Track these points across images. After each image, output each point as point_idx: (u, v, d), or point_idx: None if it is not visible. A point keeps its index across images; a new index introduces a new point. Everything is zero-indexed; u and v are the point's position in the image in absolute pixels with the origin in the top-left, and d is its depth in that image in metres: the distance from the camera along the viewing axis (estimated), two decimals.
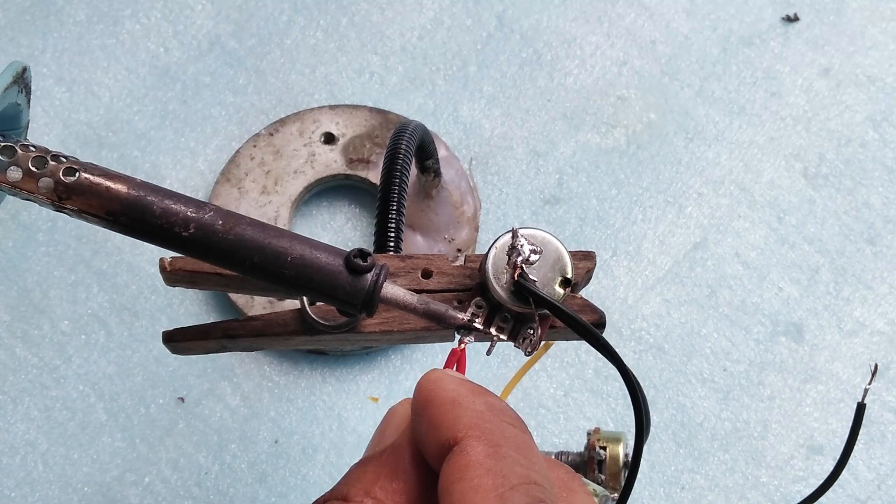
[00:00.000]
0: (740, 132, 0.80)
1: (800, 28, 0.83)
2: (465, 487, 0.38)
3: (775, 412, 0.73)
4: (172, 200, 0.45)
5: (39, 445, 0.71)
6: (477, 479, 0.38)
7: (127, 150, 0.79)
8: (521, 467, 0.38)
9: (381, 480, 0.40)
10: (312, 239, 0.45)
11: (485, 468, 0.38)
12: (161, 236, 0.45)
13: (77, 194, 0.44)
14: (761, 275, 0.76)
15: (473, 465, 0.38)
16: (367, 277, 0.44)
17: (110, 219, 0.45)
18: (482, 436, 0.39)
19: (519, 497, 0.37)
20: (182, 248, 0.45)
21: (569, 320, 0.44)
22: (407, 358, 0.74)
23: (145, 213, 0.45)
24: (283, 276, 0.44)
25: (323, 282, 0.44)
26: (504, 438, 0.39)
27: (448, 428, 0.40)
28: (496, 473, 0.38)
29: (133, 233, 0.45)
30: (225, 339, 0.47)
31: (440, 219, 0.75)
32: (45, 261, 0.75)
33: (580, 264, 0.48)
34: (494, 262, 0.46)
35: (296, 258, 0.44)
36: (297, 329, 0.47)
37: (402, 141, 0.62)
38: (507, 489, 0.37)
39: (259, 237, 0.44)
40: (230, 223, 0.44)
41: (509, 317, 0.46)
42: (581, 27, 0.83)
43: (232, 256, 0.44)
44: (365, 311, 0.45)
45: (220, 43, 0.82)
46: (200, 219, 0.44)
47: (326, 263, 0.44)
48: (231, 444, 0.71)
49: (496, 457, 0.38)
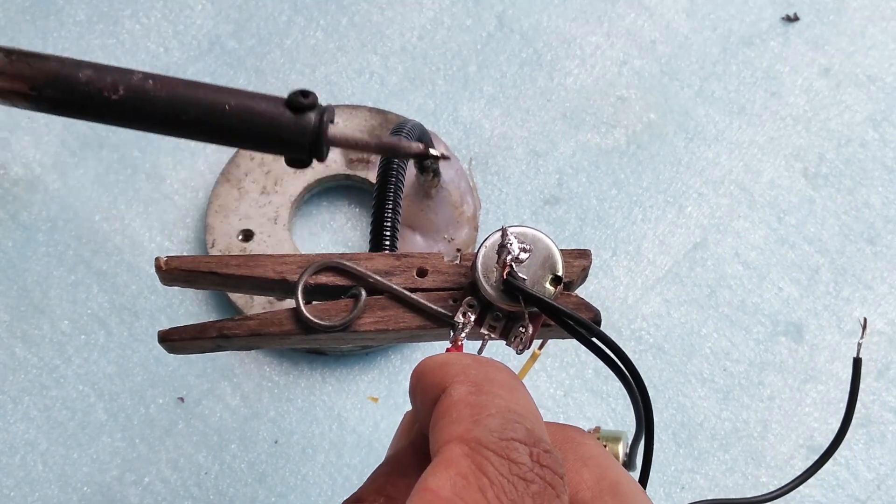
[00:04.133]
0: (740, 132, 0.80)
1: (800, 28, 0.83)
2: (445, 422, 0.38)
3: (775, 412, 0.73)
4: (97, 69, 0.43)
5: (39, 445, 0.71)
6: (456, 412, 0.38)
7: (127, 150, 0.79)
8: (501, 399, 0.38)
9: (392, 479, 0.41)
10: (249, 91, 0.44)
11: (464, 402, 0.38)
12: (90, 105, 0.43)
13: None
14: (761, 275, 0.76)
15: (455, 403, 0.38)
16: (310, 116, 0.43)
17: (34, 94, 0.43)
18: (466, 380, 0.39)
19: (495, 420, 0.37)
20: (113, 115, 0.42)
21: (558, 316, 0.44)
22: (406, 358, 0.74)
23: (71, 83, 0.43)
24: (224, 127, 0.43)
25: (265, 125, 0.43)
26: (488, 380, 0.39)
27: (437, 385, 0.40)
28: (474, 405, 0.38)
29: (61, 107, 0.43)
30: (220, 339, 0.47)
31: (440, 219, 0.75)
32: (45, 261, 0.75)
33: (575, 262, 0.48)
34: (484, 261, 0.46)
35: (233, 106, 0.43)
36: (293, 328, 0.47)
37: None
38: (483, 416, 0.37)
39: (192, 93, 0.43)
40: (161, 83, 0.42)
41: (501, 315, 0.46)
42: (581, 27, 0.83)
43: (166, 115, 0.42)
44: (314, 154, 0.43)
45: (220, 43, 0.82)
46: (129, 81, 0.43)
47: (266, 108, 0.43)
48: (231, 444, 0.71)
49: (477, 393, 0.39)
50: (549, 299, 0.44)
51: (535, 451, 0.37)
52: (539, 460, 0.37)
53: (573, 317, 0.44)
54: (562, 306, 0.44)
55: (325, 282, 0.47)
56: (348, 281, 0.47)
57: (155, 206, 0.77)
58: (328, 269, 0.47)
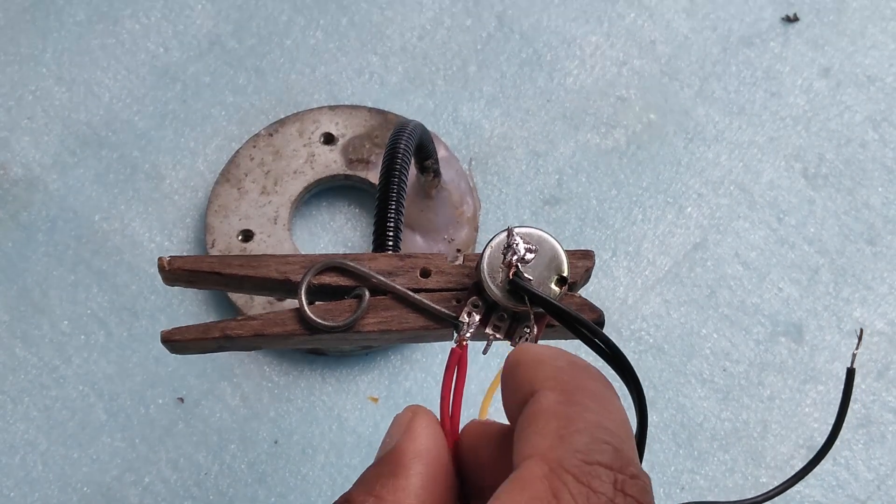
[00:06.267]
0: (740, 132, 0.80)
1: (800, 28, 0.83)
2: (531, 432, 0.37)
3: (775, 412, 0.73)
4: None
5: (39, 445, 0.71)
6: (543, 423, 0.37)
7: (127, 150, 0.79)
8: (591, 413, 0.37)
9: (382, 479, 0.40)
10: None
11: (552, 413, 0.37)
12: None
13: None
14: (761, 275, 0.76)
15: (543, 411, 0.37)
16: None
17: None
18: (556, 386, 0.38)
19: (581, 438, 0.36)
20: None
21: (564, 317, 0.44)
22: (407, 358, 0.73)
23: None
24: None
25: None
26: (579, 388, 0.38)
27: (527, 383, 0.39)
28: (562, 417, 0.36)
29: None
30: (223, 339, 0.47)
31: (440, 219, 0.75)
32: (45, 261, 0.75)
33: (579, 263, 0.48)
34: (490, 261, 0.46)
35: None
36: (296, 329, 0.47)
37: (401, 140, 0.62)
38: (570, 431, 0.36)
39: None
40: None
41: (506, 316, 0.46)
42: (581, 27, 0.83)
43: None
44: None
45: (220, 43, 0.82)
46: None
47: None
48: (231, 445, 0.71)
49: (567, 403, 0.37)
50: (555, 300, 0.44)
51: (621, 477, 0.35)
52: (623, 489, 0.35)
53: (579, 319, 0.44)
54: (568, 308, 0.44)
55: (328, 282, 0.47)
56: (352, 281, 0.47)
57: (155, 206, 0.77)
58: (331, 269, 0.47)
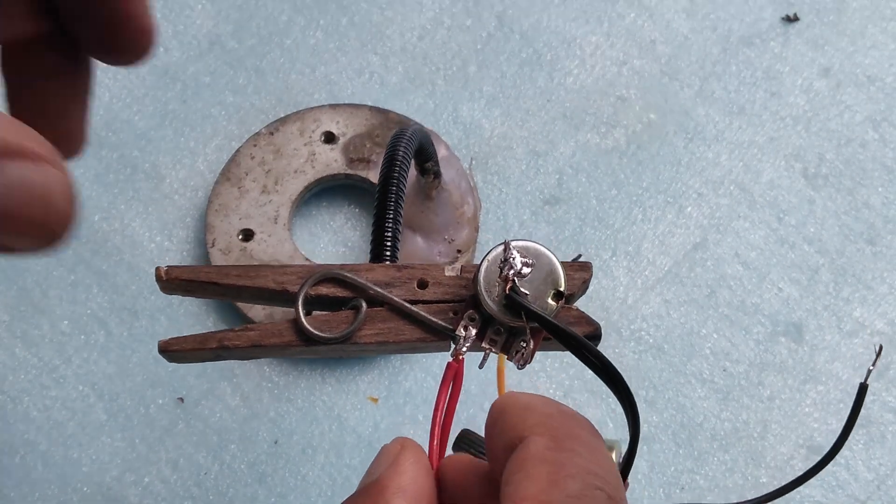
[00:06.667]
0: (740, 132, 0.80)
1: (800, 28, 0.83)
2: (521, 477, 0.36)
3: (775, 412, 0.73)
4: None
5: (39, 445, 0.71)
6: (533, 468, 0.36)
7: (127, 150, 0.79)
8: (581, 459, 0.37)
9: None
10: None
11: (541, 458, 0.37)
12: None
13: None
14: (761, 275, 0.76)
15: (532, 457, 0.37)
16: None
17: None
18: (546, 432, 0.38)
19: (573, 483, 0.35)
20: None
21: (559, 334, 0.44)
22: (406, 359, 0.74)
23: None
24: None
25: None
26: (569, 435, 0.38)
27: (515, 428, 0.39)
28: (553, 463, 0.36)
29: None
30: (220, 350, 0.47)
31: (440, 219, 0.75)
32: (45, 261, 0.75)
33: (576, 275, 0.48)
34: (486, 275, 0.46)
35: None
36: (293, 339, 0.47)
37: (400, 146, 0.62)
38: (561, 476, 0.36)
39: None
40: None
41: (502, 329, 0.46)
42: (581, 27, 0.83)
43: None
44: None
45: (219, 43, 0.82)
46: None
47: None
48: (231, 445, 0.71)
49: (557, 450, 0.37)
50: (550, 317, 0.44)
51: None
52: None
53: (574, 337, 0.43)
54: (563, 325, 0.44)
55: (325, 293, 0.47)
56: (349, 292, 0.47)
57: (155, 206, 0.77)
58: (329, 279, 0.47)
